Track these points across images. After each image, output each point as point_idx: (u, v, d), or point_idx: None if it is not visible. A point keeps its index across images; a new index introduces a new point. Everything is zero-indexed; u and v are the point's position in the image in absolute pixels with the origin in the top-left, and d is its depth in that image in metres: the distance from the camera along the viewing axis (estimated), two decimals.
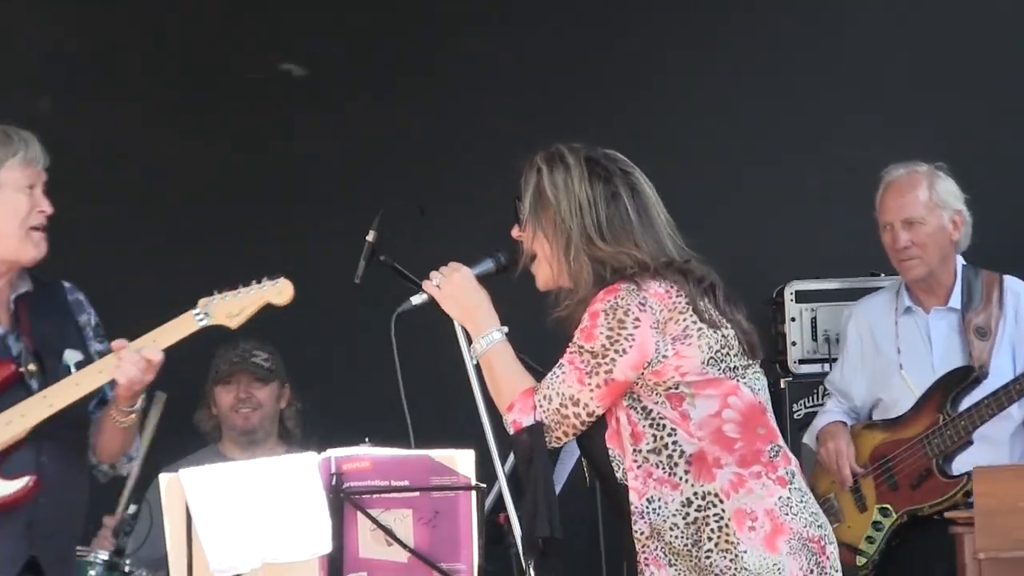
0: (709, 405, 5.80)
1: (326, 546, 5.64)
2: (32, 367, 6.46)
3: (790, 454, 5.88)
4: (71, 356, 6.57)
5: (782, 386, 8.18)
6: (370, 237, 7.36)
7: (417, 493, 5.72)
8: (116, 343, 6.45)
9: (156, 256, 9.07)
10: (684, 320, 5.85)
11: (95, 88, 9.44)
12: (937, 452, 7.36)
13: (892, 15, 9.36)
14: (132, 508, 7.44)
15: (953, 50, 9.23)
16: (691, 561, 5.75)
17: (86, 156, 8.92)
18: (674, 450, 5.81)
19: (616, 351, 5.78)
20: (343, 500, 5.65)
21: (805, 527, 5.76)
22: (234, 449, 8.21)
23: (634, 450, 5.80)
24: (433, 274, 6.10)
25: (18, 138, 6.47)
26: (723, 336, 5.88)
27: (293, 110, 9.36)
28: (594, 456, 5.90)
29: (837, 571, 5.81)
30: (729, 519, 5.72)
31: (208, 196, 9.25)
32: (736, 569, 5.69)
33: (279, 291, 6.57)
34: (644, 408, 5.83)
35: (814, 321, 8.20)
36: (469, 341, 6.06)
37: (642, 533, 5.77)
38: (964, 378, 7.44)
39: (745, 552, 5.70)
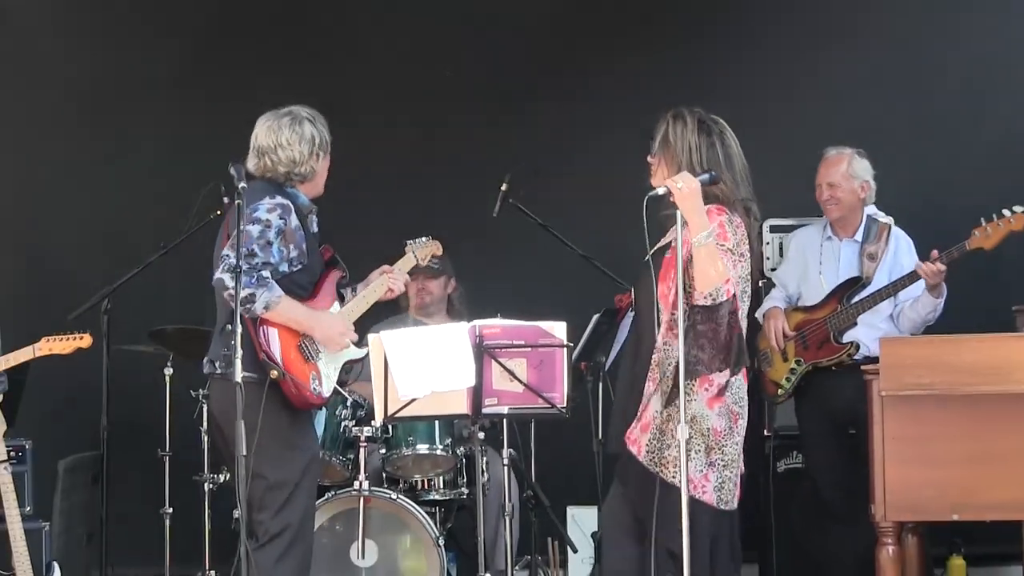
0: None
1: (471, 381, 5.75)
2: (344, 272, 6.45)
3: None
4: None
5: (760, 285, 8.11)
6: (503, 187, 7.56)
7: (530, 348, 5.78)
8: (384, 268, 6.52)
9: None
10: (744, 245, 5.87)
11: None
12: (834, 327, 7.41)
13: None
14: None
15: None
16: (666, 387, 5.74)
17: None
18: (693, 323, 5.78)
19: (743, 250, 5.85)
20: (483, 352, 5.74)
21: (733, 404, 5.83)
22: (417, 317, 8.08)
23: (671, 313, 5.75)
24: (675, 177, 5.72)
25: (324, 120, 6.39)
26: (749, 266, 5.91)
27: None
28: (653, 301, 5.83)
29: (741, 434, 5.86)
30: (698, 377, 5.76)
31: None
32: (686, 408, 5.68)
33: (438, 245, 6.83)
34: (689, 291, 5.78)
35: (781, 245, 8.18)
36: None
37: (654, 361, 5.81)
38: (856, 283, 7.44)
39: (694, 401, 5.74)
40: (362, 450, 7.31)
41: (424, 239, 6.83)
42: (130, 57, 9.00)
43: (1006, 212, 7.11)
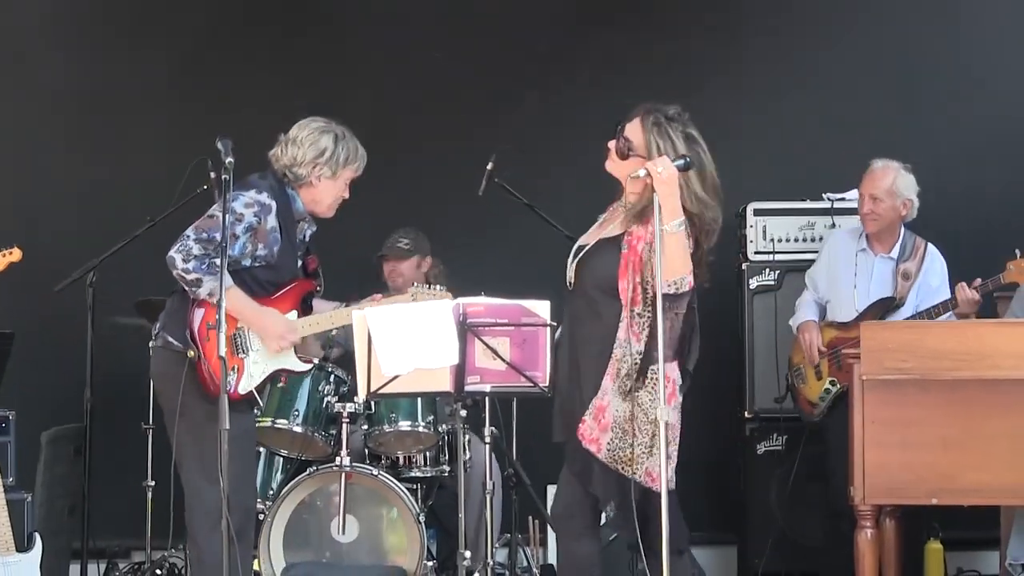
0: None
1: (454, 359, 5.72)
2: (319, 286, 6.50)
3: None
4: None
5: (743, 268, 8.14)
6: (489, 166, 7.52)
7: (513, 327, 5.74)
8: (375, 296, 6.57)
9: None
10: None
11: None
12: None
13: None
14: (333, 331, 7.51)
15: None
16: (625, 384, 5.76)
17: None
18: (647, 320, 5.78)
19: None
20: (466, 330, 5.71)
21: (681, 399, 5.84)
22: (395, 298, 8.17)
23: (631, 309, 5.77)
24: (655, 161, 5.62)
25: (361, 152, 6.40)
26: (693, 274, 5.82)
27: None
28: (602, 290, 5.83)
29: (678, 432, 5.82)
30: (658, 375, 5.65)
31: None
32: (652, 405, 5.69)
33: (448, 296, 6.52)
34: (646, 290, 5.76)
35: (764, 228, 8.15)
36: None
37: (614, 355, 5.77)
38: (890, 304, 7.34)
39: (657, 397, 5.65)
40: (344, 426, 7.30)
41: (435, 288, 6.68)
42: (127, 51, 8.97)
43: None
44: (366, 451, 7.53)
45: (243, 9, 9.02)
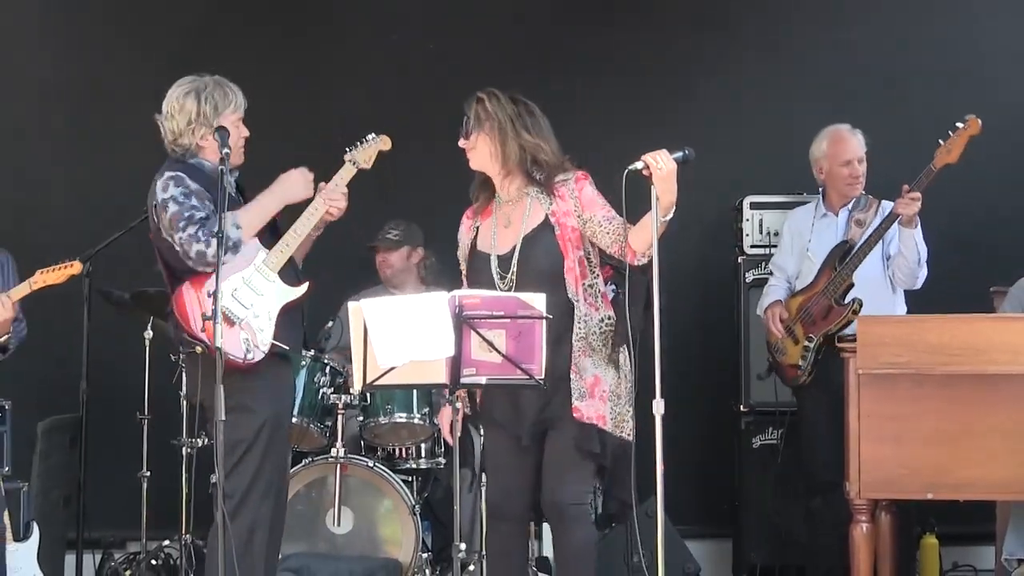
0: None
1: (450, 351, 5.65)
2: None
3: None
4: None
5: (739, 261, 8.13)
6: None
7: (509, 320, 5.67)
8: (321, 184, 6.25)
9: None
10: None
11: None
12: (832, 293, 7.32)
13: None
14: (330, 323, 7.51)
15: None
16: (602, 355, 5.97)
17: None
18: (597, 288, 6.00)
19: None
20: (462, 322, 5.64)
21: None
22: (391, 289, 7.96)
23: (581, 283, 5.95)
24: (654, 154, 5.66)
25: (231, 94, 6.24)
26: None
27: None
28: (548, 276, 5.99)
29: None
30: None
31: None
32: (627, 360, 5.98)
33: (384, 141, 6.43)
34: (589, 259, 5.99)
35: (761, 221, 8.13)
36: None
37: (579, 335, 5.96)
38: (842, 247, 7.35)
39: (630, 357, 5.97)
40: (340, 417, 7.29)
41: (369, 138, 6.44)
42: (126, 49, 8.94)
43: (959, 124, 7.06)
44: (361, 442, 7.51)
45: (243, 9, 8.99)
